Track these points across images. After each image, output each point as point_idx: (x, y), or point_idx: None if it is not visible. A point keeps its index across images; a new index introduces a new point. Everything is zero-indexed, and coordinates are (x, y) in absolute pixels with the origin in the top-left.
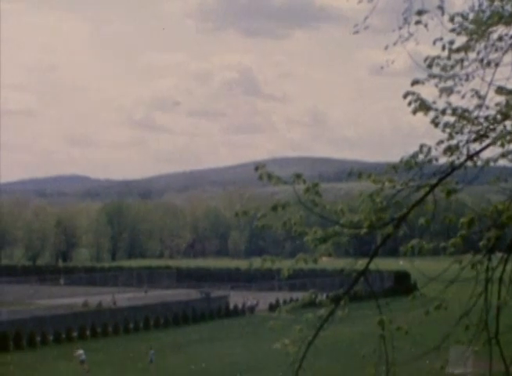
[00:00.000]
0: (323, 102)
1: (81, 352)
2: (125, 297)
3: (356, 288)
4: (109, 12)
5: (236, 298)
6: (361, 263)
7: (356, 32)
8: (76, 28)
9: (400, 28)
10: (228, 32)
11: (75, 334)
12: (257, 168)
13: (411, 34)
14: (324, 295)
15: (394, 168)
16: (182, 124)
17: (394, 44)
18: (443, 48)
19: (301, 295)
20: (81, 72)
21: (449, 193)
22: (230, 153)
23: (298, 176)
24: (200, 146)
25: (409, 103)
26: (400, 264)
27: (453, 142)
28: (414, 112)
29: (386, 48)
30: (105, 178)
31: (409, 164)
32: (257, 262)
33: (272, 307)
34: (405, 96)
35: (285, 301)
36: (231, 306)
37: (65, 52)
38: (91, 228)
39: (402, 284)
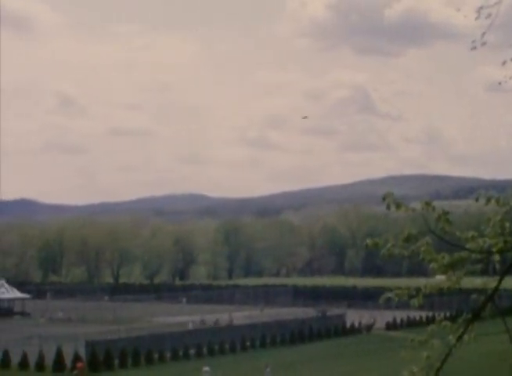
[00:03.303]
0: (439, 119)
1: (206, 368)
2: (242, 315)
3: (476, 305)
4: (222, 31)
5: (353, 316)
6: (481, 283)
7: (474, 48)
8: (189, 48)
9: None
10: (341, 50)
11: (192, 351)
12: (384, 198)
13: None
14: (441, 314)
15: None
16: (296, 143)
17: None
18: None
19: (417, 314)
20: (194, 91)
21: None
22: (346, 170)
23: (428, 204)
24: (316, 164)
25: None
26: None
27: None
28: None
29: (503, 63)
30: (221, 196)
31: None
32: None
33: (389, 326)
34: None
35: (402, 320)
36: (347, 325)
37: (178, 71)
38: (208, 246)
39: None
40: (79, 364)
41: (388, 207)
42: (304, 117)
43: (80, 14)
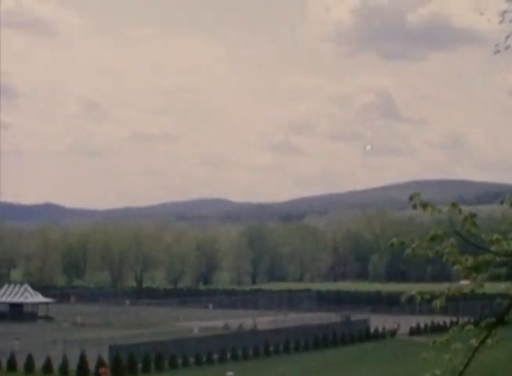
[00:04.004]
0: (462, 124)
1: (230, 373)
2: (266, 320)
3: (499, 309)
4: (246, 35)
5: (377, 321)
6: (505, 287)
7: (497, 52)
8: (214, 52)
9: None
10: (365, 55)
11: (216, 356)
12: (411, 198)
13: None
14: (465, 319)
15: None
16: (320, 147)
17: None
18: None
19: (441, 320)
20: (219, 95)
21: None
22: (369, 175)
23: (454, 205)
24: (340, 169)
25: None
26: None
27: None
28: None
29: None
30: (245, 201)
31: None
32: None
33: (413, 331)
34: None
35: (426, 326)
36: (371, 330)
37: (202, 75)
38: (232, 251)
39: None
40: (102, 369)
41: (415, 207)
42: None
43: (104, 18)
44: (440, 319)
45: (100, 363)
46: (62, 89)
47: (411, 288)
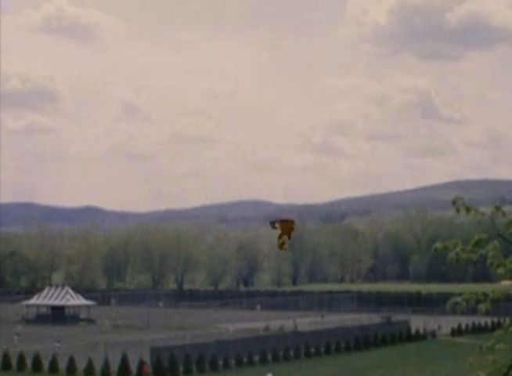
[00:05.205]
0: (503, 123)
1: (269, 375)
2: (306, 321)
3: None
4: (286, 38)
5: (418, 322)
6: None
7: None
8: (253, 54)
9: None
10: (403, 55)
11: (257, 358)
12: (454, 202)
13: None
14: (507, 319)
15: None
16: (360, 148)
17: None
18: None
19: (483, 320)
20: (258, 97)
21: None
22: (410, 176)
23: (497, 208)
24: (380, 170)
25: None
26: None
27: None
28: None
29: None
30: (286, 202)
31: None
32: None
33: (454, 332)
34: None
35: (467, 326)
36: (412, 331)
37: (243, 78)
38: (273, 252)
39: None
40: (144, 368)
41: (458, 211)
42: None
43: (143, 22)
44: (481, 320)
45: (142, 362)
46: (102, 92)
47: (452, 289)
